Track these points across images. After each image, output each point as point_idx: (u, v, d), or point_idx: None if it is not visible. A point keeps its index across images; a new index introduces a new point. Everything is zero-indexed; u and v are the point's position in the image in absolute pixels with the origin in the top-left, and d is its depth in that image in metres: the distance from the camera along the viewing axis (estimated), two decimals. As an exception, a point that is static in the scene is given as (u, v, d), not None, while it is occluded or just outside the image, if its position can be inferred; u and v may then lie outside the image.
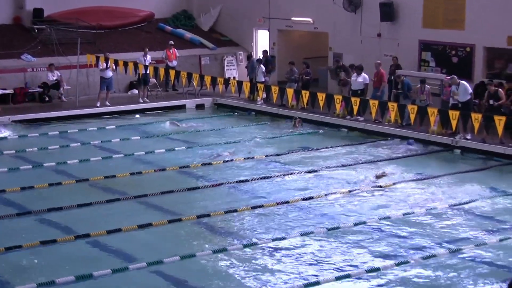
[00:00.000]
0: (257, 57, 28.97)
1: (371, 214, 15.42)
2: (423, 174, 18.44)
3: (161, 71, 25.74)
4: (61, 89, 26.68)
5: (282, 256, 13.16)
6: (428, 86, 22.52)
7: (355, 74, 24.23)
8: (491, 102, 21.00)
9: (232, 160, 19.59)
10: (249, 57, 29.06)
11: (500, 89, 21.23)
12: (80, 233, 14.00)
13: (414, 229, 14.55)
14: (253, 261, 12.89)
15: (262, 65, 27.08)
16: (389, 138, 22.04)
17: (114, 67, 25.89)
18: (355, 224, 14.72)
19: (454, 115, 19.94)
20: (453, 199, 16.40)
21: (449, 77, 22.38)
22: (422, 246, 13.72)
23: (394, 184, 17.51)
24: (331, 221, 14.97)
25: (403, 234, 14.30)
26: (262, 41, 31.15)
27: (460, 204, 16.10)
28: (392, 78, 24.10)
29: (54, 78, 26.54)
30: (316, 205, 16.03)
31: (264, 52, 28.79)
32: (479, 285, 12.04)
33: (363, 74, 24.01)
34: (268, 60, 28.10)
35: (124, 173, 18.19)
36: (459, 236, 14.24)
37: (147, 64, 26.40)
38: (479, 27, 23.60)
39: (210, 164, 19.26)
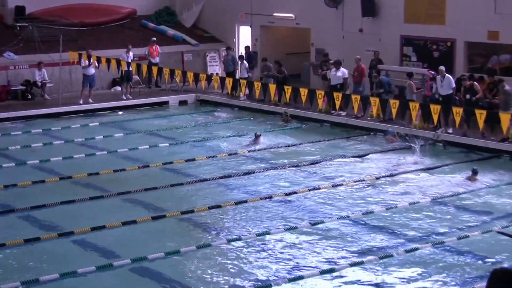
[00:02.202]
0: (240, 54, 29.00)
1: (354, 208, 15.50)
2: (405, 168, 18.55)
3: (144, 68, 25.72)
4: (45, 87, 26.59)
5: (267, 250, 13.20)
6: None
7: (334, 69, 24.30)
8: (467, 96, 21.16)
9: (215, 156, 19.65)
10: (228, 48, 29.01)
11: (475, 83, 21.36)
12: (64, 231, 13.99)
13: (397, 223, 14.64)
14: (237, 256, 12.93)
15: (245, 61, 27.12)
16: (371, 133, 22.17)
17: (96, 64, 25.83)
18: (339, 218, 14.80)
19: (435, 109, 20.08)
20: (435, 193, 16.53)
21: (432, 72, 22.51)
22: (406, 239, 13.80)
23: (376, 178, 17.64)
24: (315, 215, 15.04)
25: (387, 228, 14.39)
26: (244, 37, 31.19)
27: (442, 197, 16.23)
28: (369, 78, 24.18)
29: (41, 77, 26.42)
30: (300, 199, 16.09)
31: (247, 48, 28.81)
32: (462, 277, 12.13)
33: (342, 69, 24.11)
34: (250, 56, 28.13)
35: (107, 170, 18.19)
36: (441, 229, 14.35)
37: (129, 61, 26.36)
38: (460, 21, 23.74)
39: (194, 160, 19.32)
